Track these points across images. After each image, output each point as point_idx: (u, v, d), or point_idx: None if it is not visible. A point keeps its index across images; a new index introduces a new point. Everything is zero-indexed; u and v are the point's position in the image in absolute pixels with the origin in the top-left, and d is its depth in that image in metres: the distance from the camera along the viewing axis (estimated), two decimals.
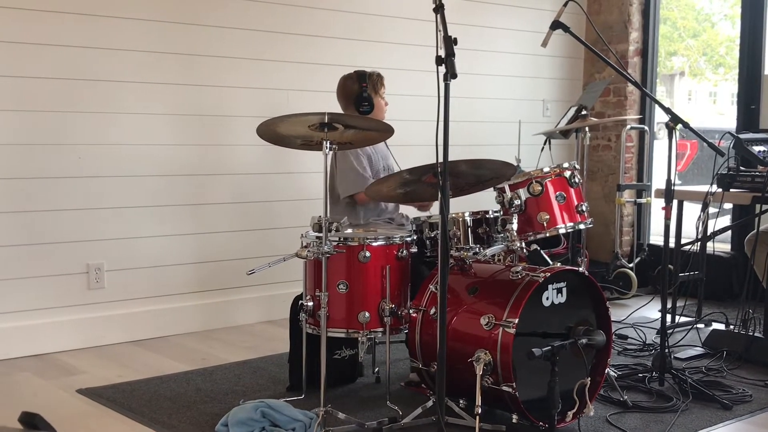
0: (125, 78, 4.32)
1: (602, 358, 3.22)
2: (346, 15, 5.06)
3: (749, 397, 3.50)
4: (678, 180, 4.79)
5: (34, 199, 4.11)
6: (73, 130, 4.19)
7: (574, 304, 3.11)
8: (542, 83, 6.15)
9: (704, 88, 12.23)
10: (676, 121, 3.53)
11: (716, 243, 4.77)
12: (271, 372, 3.85)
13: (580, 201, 3.51)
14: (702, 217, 4.32)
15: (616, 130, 6.16)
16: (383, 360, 3.42)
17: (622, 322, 4.73)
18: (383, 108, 4.05)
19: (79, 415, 3.28)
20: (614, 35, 6.16)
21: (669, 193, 3.65)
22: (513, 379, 2.87)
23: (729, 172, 4.30)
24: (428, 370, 3.16)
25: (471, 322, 3.03)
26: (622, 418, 3.24)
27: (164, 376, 3.77)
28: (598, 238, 6.19)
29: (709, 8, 10.67)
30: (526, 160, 4.91)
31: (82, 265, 4.28)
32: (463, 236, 3.40)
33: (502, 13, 5.84)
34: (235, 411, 3.08)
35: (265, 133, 3.08)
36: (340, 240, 3.14)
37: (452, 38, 2.60)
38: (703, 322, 4.73)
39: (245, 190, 4.78)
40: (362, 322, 3.15)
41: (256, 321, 4.85)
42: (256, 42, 4.72)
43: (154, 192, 4.46)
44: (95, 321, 4.31)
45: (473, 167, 3.13)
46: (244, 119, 4.64)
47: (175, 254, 4.57)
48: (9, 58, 3.98)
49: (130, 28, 4.29)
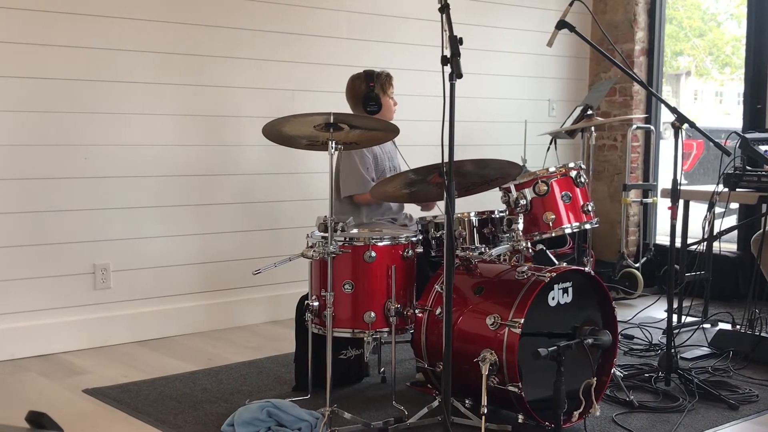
0: (132, 79, 4.32)
1: (608, 358, 3.21)
2: (351, 15, 5.07)
3: (756, 398, 3.49)
4: (684, 180, 4.78)
5: (41, 199, 4.12)
6: (80, 131, 4.20)
7: (580, 304, 3.10)
8: (548, 83, 6.14)
9: (710, 88, 12.20)
10: (682, 120, 3.53)
11: (722, 243, 4.76)
12: (276, 372, 3.86)
13: (585, 201, 3.51)
14: (708, 216, 4.31)
15: (622, 129, 6.15)
16: (389, 360, 3.42)
17: (628, 322, 4.73)
18: (392, 108, 4.05)
19: (85, 415, 3.29)
20: (620, 35, 6.15)
21: (675, 192, 3.64)
22: (519, 379, 2.86)
23: (735, 171, 4.29)
24: (434, 370, 3.16)
25: (477, 322, 3.02)
26: (629, 418, 3.23)
27: (170, 376, 3.77)
28: (604, 237, 6.18)
29: (715, 8, 10.64)
30: (531, 160, 4.92)
31: (89, 265, 4.29)
32: (469, 236, 3.40)
33: (508, 13, 5.84)
34: (240, 411, 3.09)
35: (270, 133, 3.09)
36: (346, 240, 3.14)
37: (458, 38, 2.59)
38: (710, 322, 4.73)
39: (251, 190, 4.79)
40: (368, 322, 3.15)
41: (262, 321, 4.86)
42: (262, 42, 4.72)
43: (161, 192, 4.47)
44: (101, 321, 4.32)
45: (479, 167, 3.12)
46: (250, 119, 4.65)
47: (181, 254, 4.58)
48: (16, 59, 3.99)
49: (136, 29, 4.30)
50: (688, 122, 3.53)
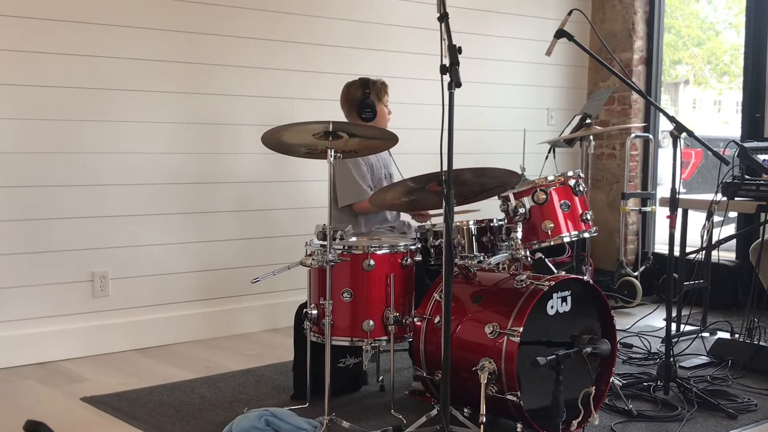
0: (131, 86, 4.33)
1: (607, 367, 3.21)
2: (350, 24, 5.08)
3: (754, 407, 3.49)
4: (683, 188, 4.79)
5: (39, 207, 4.12)
6: (79, 139, 4.21)
7: (579, 313, 3.10)
8: (547, 92, 6.15)
9: (709, 97, 12.22)
10: (680, 129, 3.53)
11: (721, 252, 4.77)
12: (275, 380, 3.85)
13: (584, 209, 3.51)
14: (707, 225, 4.32)
15: (621, 138, 6.16)
16: (387, 368, 3.41)
17: (627, 330, 4.72)
18: (386, 116, 4.05)
19: (83, 423, 3.28)
20: (618, 44, 6.16)
21: (674, 201, 3.65)
22: (517, 387, 2.86)
23: (734, 180, 4.30)
24: (432, 379, 3.16)
25: (475, 330, 3.02)
26: (627, 427, 3.23)
27: (168, 384, 3.77)
28: (603, 246, 6.18)
29: (714, 17, 10.66)
30: (530, 169, 4.90)
31: (87, 273, 4.29)
32: (468, 244, 3.40)
33: (507, 22, 5.86)
34: (239, 419, 3.08)
35: (269, 141, 3.09)
36: (345, 248, 3.14)
37: (456, 47, 2.60)
38: (708, 331, 4.72)
39: (249, 198, 4.79)
40: (366, 331, 3.14)
41: (260, 329, 4.85)
42: (261, 51, 4.73)
43: (160, 200, 4.47)
44: (100, 329, 4.32)
45: (477, 175, 3.13)
46: (248, 128, 4.65)
47: (179, 262, 4.58)
48: (14, 67, 4.00)
49: (135, 37, 4.31)
50: (686, 131, 3.54)
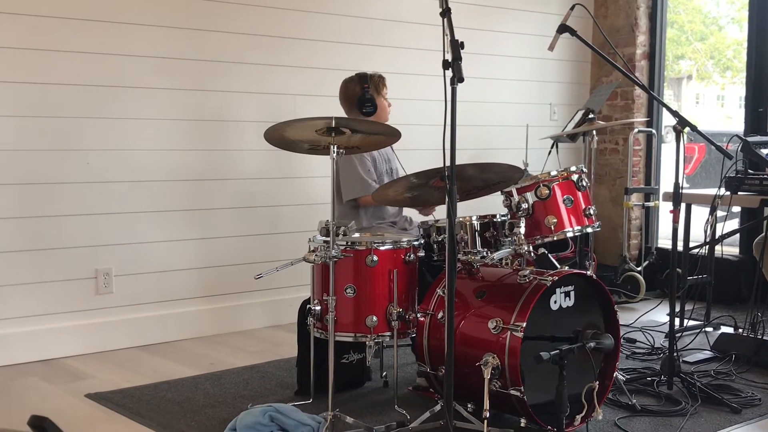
0: (134, 84, 4.33)
1: (610, 362, 3.21)
2: (353, 20, 5.07)
3: (758, 401, 3.49)
4: (686, 183, 4.78)
5: (43, 204, 4.12)
6: (82, 136, 4.21)
7: (582, 308, 3.10)
8: (549, 87, 6.14)
9: (712, 92, 12.22)
10: (683, 124, 3.53)
11: (724, 246, 4.75)
12: (278, 376, 3.86)
13: (587, 204, 3.51)
14: (710, 220, 4.31)
15: (624, 133, 6.16)
16: (391, 364, 3.42)
17: (631, 325, 4.72)
18: (386, 109, 4.05)
19: (87, 419, 3.29)
20: (621, 39, 6.15)
21: (677, 196, 3.64)
22: (521, 383, 2.86)
23: (737, 175, 4.30)
24: (436, 374, 3.16)
25: (479, 326, 3.02)
26: (631, 422, 3.23)
27: (172, 381, 3.77)
28: (606, 241, 6.17)
29: (717, 11, 10.65)
30: (533, 164, 4.91)
31: (91, 270, 4.29)
32: (471, 240, 3.40)
33: (509, 17, 5.85)
34: (243, 415, 3.08)
35: (272, 137, 3.09)
36: (348, 244, 3.14)
37: (459, 42, 2.60)
38: (712, 326, 4.72)
39: (252, 195, 4.79)
40: (370, 326, 3.14)
41: (264, 325, 4.86)
42: (264, 47, 4.73)
43: (163, 197, 4.47)
44: (103, 326, 4.32)
45: (481, 171, 3.13)
46: (251, 124, 4.65)
47: (183, 259, 4.58)
48: (19, 64, 4.00)
49: (138, 34, 4.31)
50: (689, 126, 3.53)
